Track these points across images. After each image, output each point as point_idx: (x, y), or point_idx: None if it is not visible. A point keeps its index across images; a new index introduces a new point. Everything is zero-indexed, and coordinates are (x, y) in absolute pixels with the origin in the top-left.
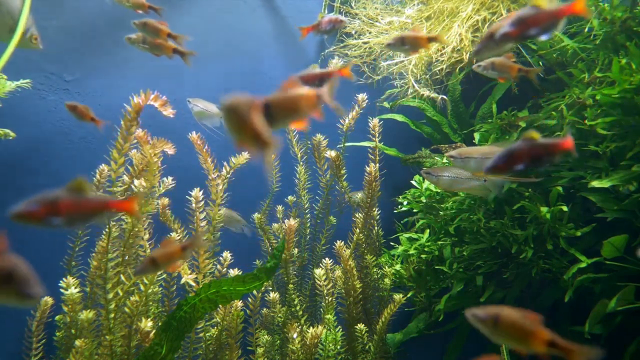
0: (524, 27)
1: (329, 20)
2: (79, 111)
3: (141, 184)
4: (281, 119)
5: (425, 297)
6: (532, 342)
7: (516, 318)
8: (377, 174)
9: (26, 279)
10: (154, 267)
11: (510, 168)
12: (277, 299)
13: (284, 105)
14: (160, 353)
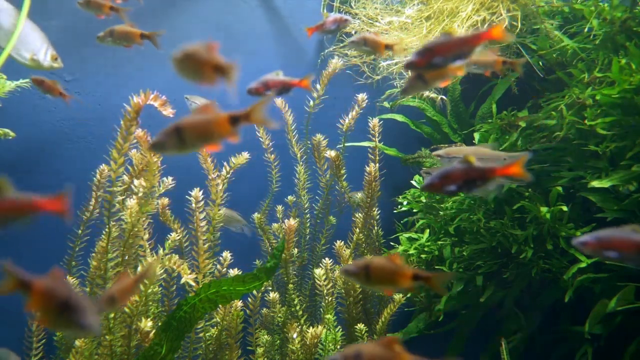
0: (432, 56)
1: (334, 19)
2: (46, 86)
3: (141, 184)
4: (192, 143)
5: (425, 297)
6: (400, 281)
7: (384, 263)
8: (377, 174)
9: (82, 308)
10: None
11: (444, 188)
12: (277, 298)
13: (195, 129)
14: (160, 353)
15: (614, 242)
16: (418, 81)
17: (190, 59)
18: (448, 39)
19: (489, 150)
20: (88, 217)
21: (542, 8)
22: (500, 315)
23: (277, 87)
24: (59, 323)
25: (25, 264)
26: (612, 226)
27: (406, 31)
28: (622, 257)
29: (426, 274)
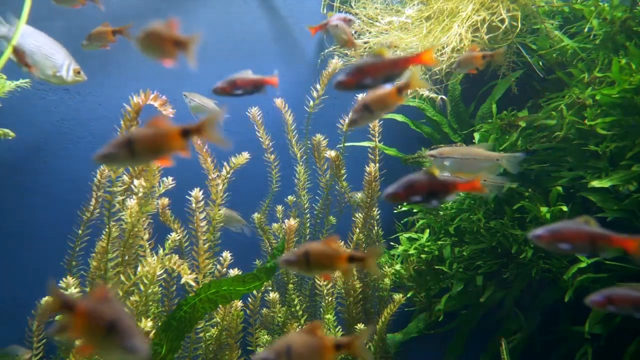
0: (361, 77)
1: (338, 19)
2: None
3: (141, 184)
4: (142, 156)
5: (425, 297)
6: (338, 264)
7: (321, 248)
8: (377, 174)
9: (129, 331)
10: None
11: (409, 198)
12: (277, 299)
13: (146, 142)
14: (160, 353)
15: (566, 234)
16: (365, 112)
17: (152, 37)
18: (378, 60)
19: (482, 151)
20: (88, 217)
21: (542, 8)
22: (500, 315)
23: (245, 86)
24: (104, 347)
25: (25, 264)
26: (612, 226)
27: (406, 31)
28: (575, 248)
29: (360, 255)
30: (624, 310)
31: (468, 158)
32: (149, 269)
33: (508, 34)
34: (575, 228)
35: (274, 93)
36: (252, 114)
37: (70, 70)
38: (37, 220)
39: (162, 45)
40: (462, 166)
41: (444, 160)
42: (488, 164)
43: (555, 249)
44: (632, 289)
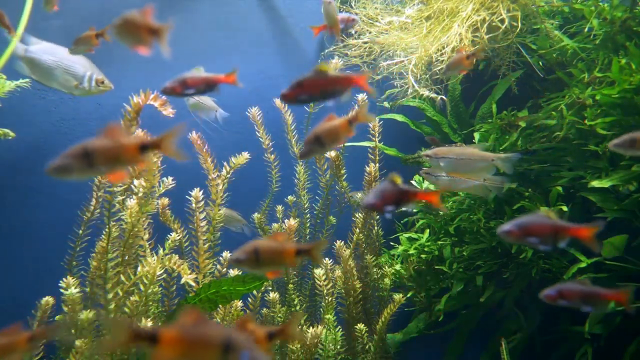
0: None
1: (341, 19)
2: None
3: (141, 184)
4: (98, 167)
5: (425, 297)
6: (286, 258)
7: (269, 243)
8: (377, 174)
9: (247, 346)
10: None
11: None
12: (277, 299)
13: (103, 153)
14: None
15: (533, 227)
16: (315, 145)
17: (127, 24)
18: (319, 77)
19: (477, 151)
20: (89, 218)
21: (542, 8)
22: (500, 315)
23: (197, 85)
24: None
25: (26, 263)
26: (612, 226)
27: (406, 31)
28: (541, 241)
29: (307, 247)
30: (573, 304)
31: (463, 158)
32: (149, 269)
33: (508, 34)
34: (539, 221)
35: (273, 93)
36: (252, 114)
37: (92, 80)
38: (37, 220)
39: (136, 33)
40: (458, 166)
41: (439, 161)
42: (483, 164)
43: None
44: (580, 284)
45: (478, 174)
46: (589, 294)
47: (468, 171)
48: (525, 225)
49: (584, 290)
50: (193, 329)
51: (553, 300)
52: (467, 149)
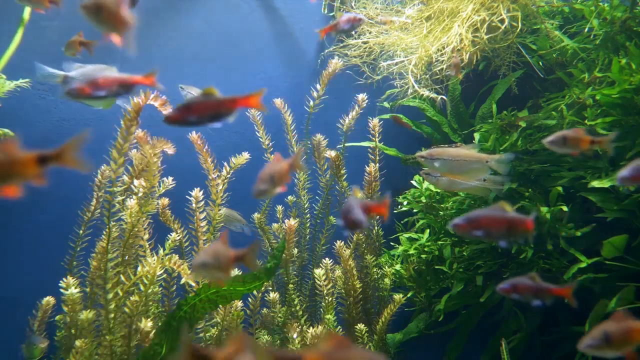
0: (188, 114)
1: (347, 19)
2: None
3: (141, 184)
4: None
5: (425, 297)
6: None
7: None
8: (377, 174)
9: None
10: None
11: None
12: (277, 299)
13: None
14: (160, 353)
15: (482, 220)
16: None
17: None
18: (206, 100)
19: (471, 152)
20: (89, 218)
21: (542, 8)
22: (500, 315)
23: (110, 87)
24: None
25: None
26: (612, 226)
27: (406, 31)
28: (490, 234)
29: (242, 254)
30: (525, 298)
31: (458, 159)
32: (149, 269)
33: (508, 34)
34: (489, 214)
35: (273, 94)
36: (252, 114)
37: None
38: (37, 220)
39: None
40: (452, 167)
41: (434, 162)
42: (477, 165)
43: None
44: (531, 279)
45: (473, 175)
46: (538, 289)
47: (463, 172)
48: (474, 218)
49: (534, 285)
50: (338, 353)
51: (507, 293)
52: (461, 150)
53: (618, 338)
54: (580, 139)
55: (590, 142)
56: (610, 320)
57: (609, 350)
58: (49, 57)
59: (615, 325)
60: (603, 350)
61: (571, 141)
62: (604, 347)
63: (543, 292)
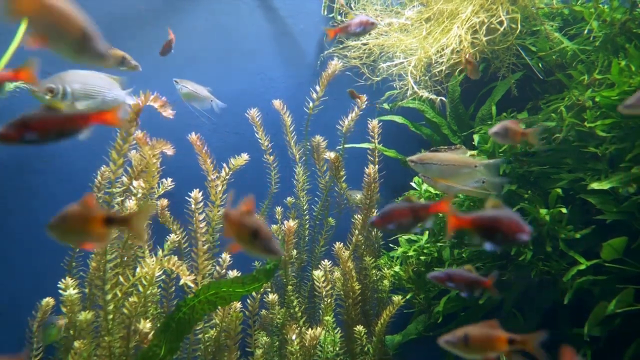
0: (23, 131)
1: (360, 22)
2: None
3: (140, 185)
4: None
5: (424, 299)
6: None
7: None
8: (376, 176)
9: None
10: None
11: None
12: (276, 300)
13: None
14: (159, 354)
15: (394, 214)
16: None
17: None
18: (50, 115)
19: (461, 157)
20: None
21: (542, 10)
22: (499, 317)
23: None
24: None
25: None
26: (611, 228)
27: (406, 33)
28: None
29: (120, 217)
30: (459, 288)
31: (447, 164)
32: (148, 270)
33: (508, 36)
34: (399, 206)
35: (272, 95)
36: (251, 115)
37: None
38: (36, 221)
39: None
40: (442, 172)
41: (423, 166)
42: (467, 170)
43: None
44: (466, 271)
45: (462, 180)
46: (470, 280)
47: (452, 177)
48: (387, 213)
49: (470, 277)
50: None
51: (441, 281)
52: (451, 154)
53: (476, 342)
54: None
55: (521, 134)
56: (479, 325)
57: (466, 352)
58: (48, 58)
59: (479, 330)
60: (460, 349)
61: (509, 132)
62: (462, 347)
63: (474, 283)
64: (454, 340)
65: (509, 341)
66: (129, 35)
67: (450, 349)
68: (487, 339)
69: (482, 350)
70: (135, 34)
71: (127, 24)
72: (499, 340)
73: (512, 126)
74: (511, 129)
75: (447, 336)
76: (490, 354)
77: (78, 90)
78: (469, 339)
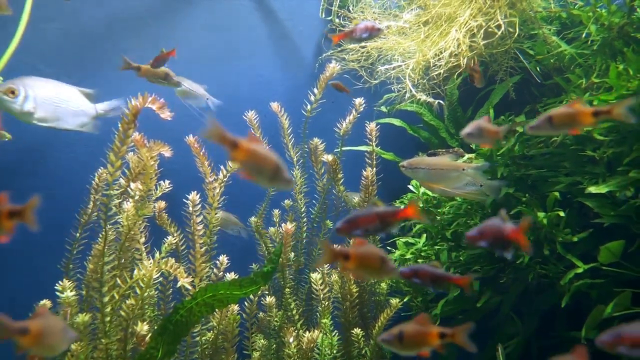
0: None
1: (365, 27)
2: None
3: (137, 187)
4: None
5: (421, 302)
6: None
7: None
8: (374, 178)
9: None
10: None
11: None
12: (273, 303)
13: None
14: (156, 357)
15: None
16: None
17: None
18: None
19: (448, 161)
20: (85, 220)
21: (540, 13)
22: (496, 320)
23: None
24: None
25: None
26: (609, 232)
27: (404, 36)
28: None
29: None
30: (425, 284)
31: (435, 168)
32: (146, 273)
33: (506, 39)
34: (366, 212)
35: (270, 97)
36: (248, 117)
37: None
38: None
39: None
40: (430, 176)
41: (413, 171)
42: (454, 173)
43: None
44: (433, 267)
45: (451, 183)
46: (437, 276)
47: (440, 181)
48: (353, 219)
49: (435, 272)
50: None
51: (408, 277)
52: (439, 159)
53: (410, 338)
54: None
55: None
56: (411, 322)
57: (402, 348)
58: (47, 59)
59: (412, 326)
60: (396, 347)
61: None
62: (397, 344)
63: (441, 279)
64: (390, 338)
65: (440, 335)
66: (129, 36)
67: (387, 346)
68: (420, 334)
69: (417, 345)
70: (135, 35)
71: (127, 25)
72: (431, 335)
73: (487, 125)
74: (486, 129)
75: (383, 335)
76: (424, 348)
77: (41, 96)
78: (403, 336)
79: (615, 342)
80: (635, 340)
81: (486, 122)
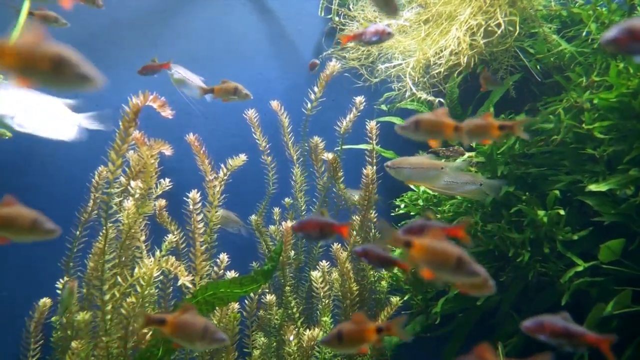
0: None
1: (375, 31)
2: None
3: (138, 186)
4: None
5: (422, 300)
6: None
7: None
8: (374, 177)
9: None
10: None
11: None
12: (273, 301)
13: None
14: (157, 355)
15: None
16: None
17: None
18: None
19: (428, 160)
20: (86, 219)
21: (540, 12)
22: (496, 318)
23: None
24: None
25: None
26: (609, 230)
27: (404, 34)
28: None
29: None
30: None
31: (415, 168)
32: (146, 271)
33: (506, 38)
34: (313, 219)
35: (270, 96)
36: (249, 116)
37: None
38: None
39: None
40: (412, 175)
41: (396, 170)
42: (433, 172)
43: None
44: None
45: (431, 181)
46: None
47: (421, 179)
48: (304, 223)
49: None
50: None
51: (360, 255)
52: (421, 158)
53: (349, 336)
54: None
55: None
56: (348, 322)
57: (341, 347)
58: None
59: (349, 325)
60: (335, 346)
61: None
62: (336, 343)
63: (387, 261)
64: (329, 338)
65: (377, 330)
66: (129, 36)
67: (328, 347)
68: (358, 331)
69: (356, 343)
70: (135, 35)
71: (127, 25)
72: (369, 331)
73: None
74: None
75: (323, 337)
76: (363, 345)
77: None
78: (342, 335)
79: (538, 329)
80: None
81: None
